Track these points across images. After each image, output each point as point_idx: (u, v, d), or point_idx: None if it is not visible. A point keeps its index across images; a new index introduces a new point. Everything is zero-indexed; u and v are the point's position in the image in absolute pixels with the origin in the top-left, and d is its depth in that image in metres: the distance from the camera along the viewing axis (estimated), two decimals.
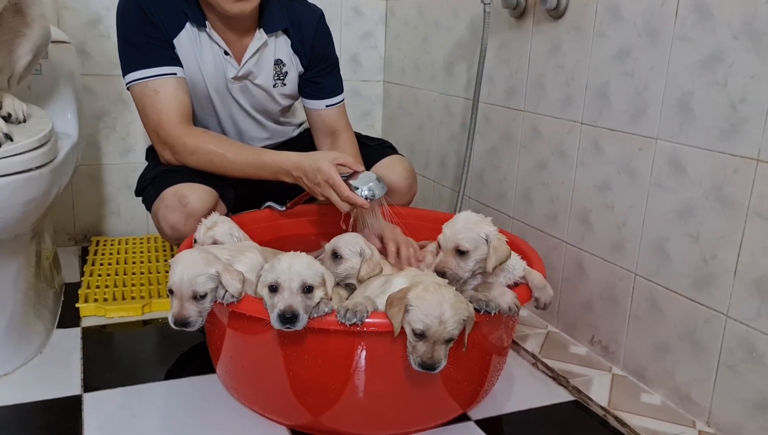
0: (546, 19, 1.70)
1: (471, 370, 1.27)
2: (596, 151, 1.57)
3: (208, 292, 1.17)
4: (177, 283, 1.17)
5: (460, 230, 1.23)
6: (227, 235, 1.40)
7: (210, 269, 1.17)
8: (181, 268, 1.17)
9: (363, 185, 1.44)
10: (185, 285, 1.16)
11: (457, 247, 1.22)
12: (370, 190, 1.45)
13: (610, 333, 1.57)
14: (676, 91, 1.35)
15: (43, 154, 1.34)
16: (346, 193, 1.42)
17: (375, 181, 1.46)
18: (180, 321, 1.18)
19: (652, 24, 1.40)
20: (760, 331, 1.21)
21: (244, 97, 1.70)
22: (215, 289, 1.18)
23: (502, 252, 1.22)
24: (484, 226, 1.24)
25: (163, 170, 1.59)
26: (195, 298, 1.17)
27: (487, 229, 1.23)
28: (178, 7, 1.56)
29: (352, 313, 1.10)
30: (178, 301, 1.18)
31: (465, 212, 1.28)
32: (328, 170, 1.43)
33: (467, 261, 1.22)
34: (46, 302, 1.66)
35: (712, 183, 1.29)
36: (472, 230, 1.23)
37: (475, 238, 1.22)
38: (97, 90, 2.22)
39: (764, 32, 1.17)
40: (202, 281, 1.16)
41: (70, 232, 2.29)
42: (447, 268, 1.22)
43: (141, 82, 1.55)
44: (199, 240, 1.39)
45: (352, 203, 1.43)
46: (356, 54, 2.59)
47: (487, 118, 1.99)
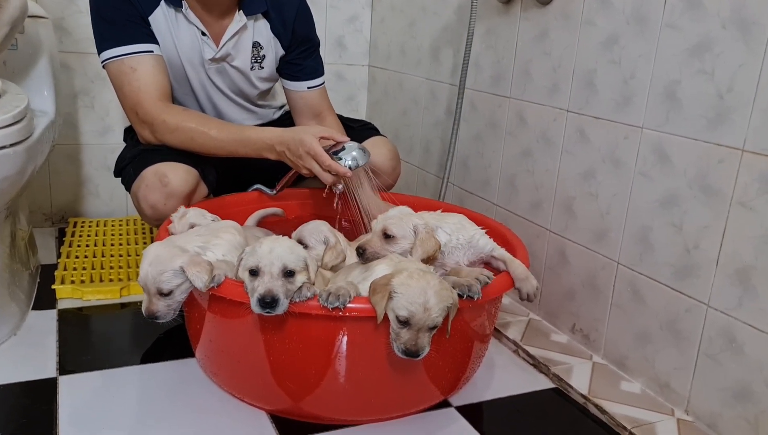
0: (534, 6, 1.69)
1: (453, 356, 1.27)
2: (581, 139, 1.57)
3: (173, 288, 1.17)
4: (143, 279, 1.17)
5: (390, 217, 1.29)
6: (201, 217, 1.37)
7: (174, 265, 1.15)
8: (147, 263, 1.16)
9: (345, 154, 1.44)
10: (150, 282, 1.16)
11: (384, 231, 1.27)
12: (354, 159, 1.44)
13: (591, 321, 1.58)
14: (663, 79, 1.35)
15: (17, 131, 1.30)
16: (327, 163, 1.41)
17: (357, 149, 1.46)
18: (149, 316, 1.19)
19: (641, 12, 1.39)
20: (740, 321, 1.22)
21: (221, 78, 1.66)
22: (182, 283, 1.17)
23: (429, 245, 1.26)
24: (414, 219, 1.29)
25: (142, 150, 1.56)
26: (161, 294, 1.17)
27: (416, 222, 1.28)
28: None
29: (335, 297, 1.09)
30: (146, 296, 1.18)
31: (402, 207, 1.35)
32: (310, 142, 1.42)
33: (393, 246, 1.26)
34: (21, 284, 1.63)
35: (697, 172, 1.29)
36: (402, 220, 1.28)
37: (403, 227, 1.27)
38: (75, 67, 2.17)
39: (753, 21, 1.16)
40: (166, 278, 1.16)
41: (46, 213, 2.25)
42: (368, 246, 1.26)
43: (117, 59, 1.51)
44: (175, 232, 1.37)
45: (334, 173, 1.42)
46: (341, 37, 2.55)
47: (473, 104, 1.97)
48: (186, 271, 1.15)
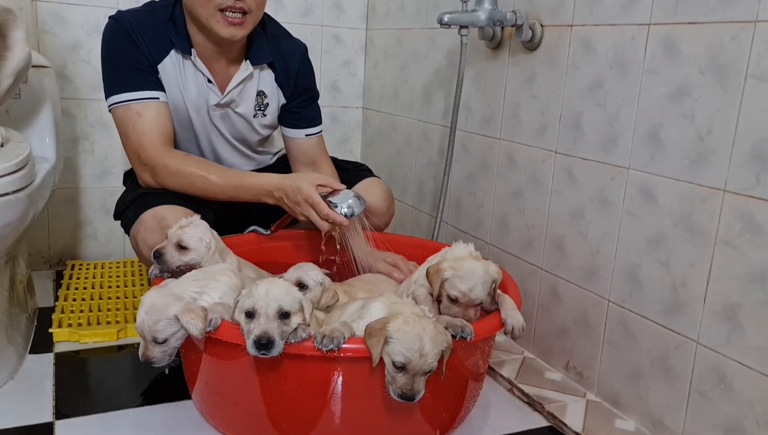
0: (521, 51, 1.75)
1: (448, 396, 1.28)
2: (570, 180, 1.61)
3: (168, 337, 1.19)
4: (140, 326, 1.20)
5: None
6: (196, 239, 1.38)
7: (169, 313, 1.18)
8: (143, 312, 1.19)
9: (342, 202, 1.47)
10: (146, 330, 1.19)
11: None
12: (350, 207, 1.47)
13: (584, 359, 1.59)
14: (646, 122, 1.39)
15: (20, 178, 1.33)
16: (325, 211, 1.44)
17: (354, 198, 1.49)
18: (146, 361, 1.21)
19: (622, 57, 1.44)
20: (729, 358, 1.24)
21: (224, 124, 1.71)
22: (177, 331, 1.20)
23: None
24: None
25: (142, 193, 1.59)
26: (157, 342, 1.19)
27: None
28: (165, 34, 1.58)
29: (329, 339, 1.11)
30: (143, 342, 1.21)
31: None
32: (307, 189, 1.45)
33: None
34: (19, 327, 1.64)
35: (682, 212, 1.32)
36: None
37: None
38: (76, 113, 2.21)
39: (729, 68, 1.22)
40: (161, 328, 1.18)
41: (45, 256, 2.27)
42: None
43: (124, 104, 1.56)
44: (168, 236, 1.40)
45: (331, 221, 1.45)
46: (336, 81, 2.62)
47: (464, 145, 2.02)
48: (180, 319, 1.16)
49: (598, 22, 1.50)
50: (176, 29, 1.59)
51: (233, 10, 1.52)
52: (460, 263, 1.29)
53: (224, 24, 1.53)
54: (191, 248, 1.38)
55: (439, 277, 1.28)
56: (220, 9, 1.51)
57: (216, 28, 1.53)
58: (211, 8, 1.51)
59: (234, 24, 1.53)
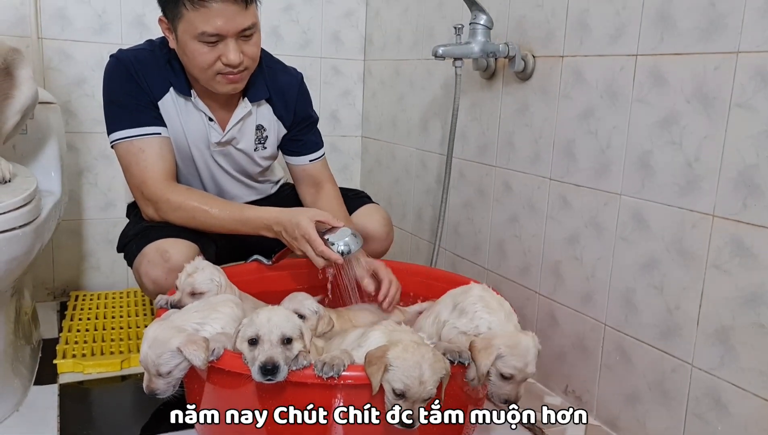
0: (514, 81, 1.79)
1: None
2: (564, 206, 1.64)
3: (172, 369, 1.22)
4: (143, 360, 1.22)
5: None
6: (207, 282, 1.42)
7: (171, 346, 1.20)
8: (147, 346, 1.22)
9: (338, 240, 1.49)
10: (150, 364, 1.21)
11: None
12: (346, 244, 1.49)
13: (582, 383, 1.61)
14: (636, 149, 1.43)
15: (26, 212, 1.36)
16: (320, 248, 1.47)
17: (350, 235, 1.51)
18: (149, 393, 1.24)
19: (612, 87, 1.49)
20: (724, 380, 1.26)
21: (226, 160, 1.75)
22: (180, 363, 1.22)
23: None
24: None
25: (145, 226, 1.62)
26: (161, 374, 1.22)
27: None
28: (164, 75, 1.62)
29: (329, 367, 1.13)
30: (147, 374, 1.24)
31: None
32: (305, 226, 1.48)
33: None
34: (24, 359, 1.66)
35: (673, 237, 1.35)
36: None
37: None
38: (80, 147, 2.26)
39: (714, 97, 1.25)
40: (165, 360, 1.21)
41: (49, 287, 2.29)
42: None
43: (126, 140, 1.60)
44: (179, 287, 1.42)
45: (326, 258, 1.48)
46: (335, 111, 2.67)
47: (461, 173, 2.06)
48: (183, 350, 1.19)
49: (588, 53, 1.55)
50: (174, 72, 1.62)
51: (232, 72, 1.55)
52: (515, 340, 1.23)
53: (224, 83, 1.57)
54: (205, 292, 1.41)
55: (491, 354, 1.20)
56: (219, 72, 1.55)
57: (216, 87, 1.58)
58: (210, 73, 1.55)
59: (234, 81, 1.58)
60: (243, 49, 1.54)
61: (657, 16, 1.36)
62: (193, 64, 1.55)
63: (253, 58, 1.58)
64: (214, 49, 1.51)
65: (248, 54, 1.55)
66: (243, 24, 1.50)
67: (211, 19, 1.47)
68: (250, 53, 1.56)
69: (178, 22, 1.50)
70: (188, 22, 1.48)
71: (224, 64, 1.52)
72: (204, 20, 1.47)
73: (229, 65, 1.52)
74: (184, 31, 1.50)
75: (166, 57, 1.63)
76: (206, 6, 1.45)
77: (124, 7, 2.23)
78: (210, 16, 1.46)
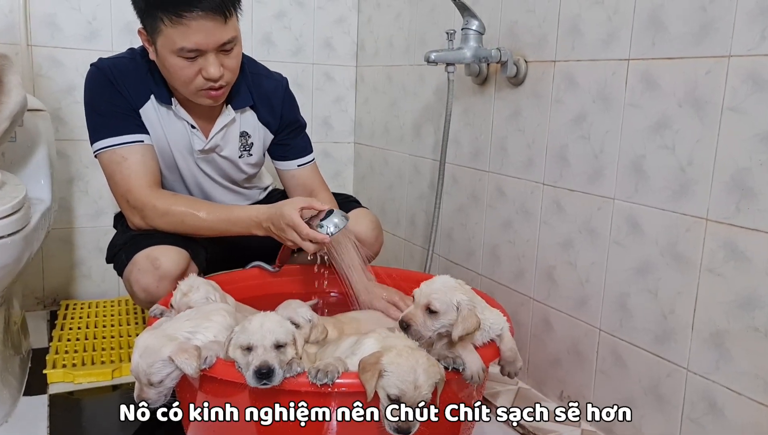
0: (507, 86, 1.79)
1: (443, 428, 1.28)
2: (558, 211, 1.64)
3: (163, 378, 1.20)
4: (135, 370, 1.20)
5: (436, 290, 1.24)
6: (203, 301, 1.40)
7: (163, 355, 1.18)
8: (138, 355, 1.20)
9: (327, 222, 1.49)
10: (141, 373, 1.20)
11: (428, 305, 1.23)
12: (333, 225, 1.49)
13: (578, 388, 1.60)
14: (629, 154, 1.43)
15: (15, 221, 1.35)
16: (305, 232, 1.46)
17: (337, 216, 1.50)
18: (141, 402, 1.22)
19: (605, 92, 1.49)
20: (719, 384, 1.26)
21: (210, 167, 1.74)
22: (171, 372, 1.20)
23: (470, 323, 1.22)
24: (458, 293, 1.24)
25: (133, 235, 1.61)
26: (152, 383, 1.20)
27: (459, 297, 1.23)
28: (146, 85, 1.61)
29: (323, 374, 1.12)
30: (138, 384, 1.22)
31: (445, 276, 1.29)
32: (289, 214, 1.47)
33: (434, 321, 1.23)
34: (13, 369, 1.64)
35: (667, 241, 1.35)
36: (447, 294, 1.23)
37: (447, 302, 1.23)
38: (71, 154, 2.24)
39: (706, 101, 1.26)
40: (156, 370, 1.19)
41: (39, 296, 2.27)
42: (413, 321, 1.23)
43: (109, 149, 1.59)
44: (175, 306, 1.40)
45: (313, 240, 1.46)
46: (328, 117, 2.66)
47: (454, 178, 2.06)
48: (174, 359, 1.17)
49: (580, 58, 1.55)
50: (155, 81, 1.61)
51: (213, 88, 1.55)
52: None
53: (205, 97, 1.56)
54: None
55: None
56: (200, 89, 1.54)
57: (198, 101, 1.58)
58: (192, 88, 1.54)
59: (215, 96, 1.57)
60: (223, 62, 1.52)
61: (648, 21, 1.37)
62: (173, 78, 1.54)
63: (233, 71, 1.57)
64: (194, 64, 1.49)
65: (228, 67, 1.54)
66: (223, 38, 1.49)
67: (190, 35, 1.45)
68: (231, 66, 1.55)
69: (156, 36, 1.48)
70: (167, 37, 1.46)
71: (204, 79, 1.51)
72: (183, 36, 1.45)
73: (210, 79, 1.51)
74: (163, 45, 1.48)
75: (147, 66, 1.61)
76: (184, 23, 1.43)
77: (114, 14, 2.22)
78: (189, 32, 1.44)
